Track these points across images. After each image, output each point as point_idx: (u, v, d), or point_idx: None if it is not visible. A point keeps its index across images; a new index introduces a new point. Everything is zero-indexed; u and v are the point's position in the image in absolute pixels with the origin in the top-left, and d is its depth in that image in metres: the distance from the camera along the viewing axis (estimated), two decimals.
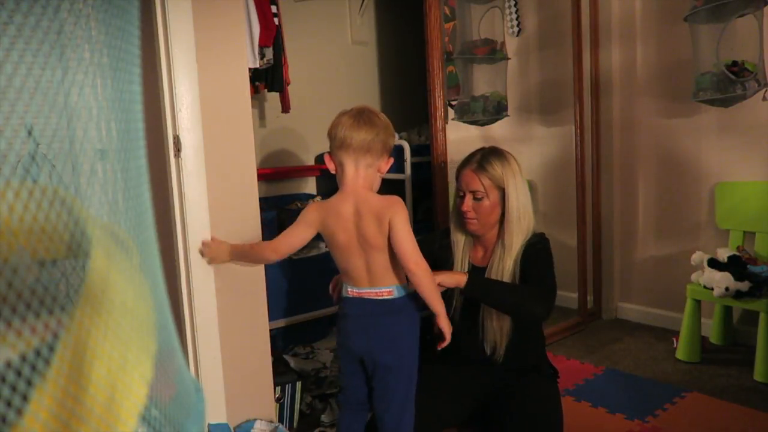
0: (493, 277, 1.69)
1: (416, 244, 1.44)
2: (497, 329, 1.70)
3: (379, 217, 1.43)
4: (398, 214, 1.43)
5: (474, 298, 1.66)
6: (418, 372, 1.57)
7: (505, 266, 1.69)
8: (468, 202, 1.69)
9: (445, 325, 1.49)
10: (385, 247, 1.45)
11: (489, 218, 1.70)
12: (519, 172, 1.71)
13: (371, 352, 1.50)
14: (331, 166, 1.52)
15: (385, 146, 1.49)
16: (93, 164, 0.56)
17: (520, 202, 1.68)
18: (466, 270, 1.78)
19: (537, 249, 1.69)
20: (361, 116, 1.47)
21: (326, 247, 1.55)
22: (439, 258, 1.81)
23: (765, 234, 2.53)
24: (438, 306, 1.47)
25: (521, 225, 1.68)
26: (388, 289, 1.49)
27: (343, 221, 1.46)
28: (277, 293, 2.14)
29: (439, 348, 1.51)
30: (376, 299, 1.48)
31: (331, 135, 1.49)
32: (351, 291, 1.51)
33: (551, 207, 3.41)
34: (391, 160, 1.54)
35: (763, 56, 2.37)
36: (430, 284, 1.46)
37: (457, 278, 1.61)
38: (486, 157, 1.70)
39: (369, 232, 1.44)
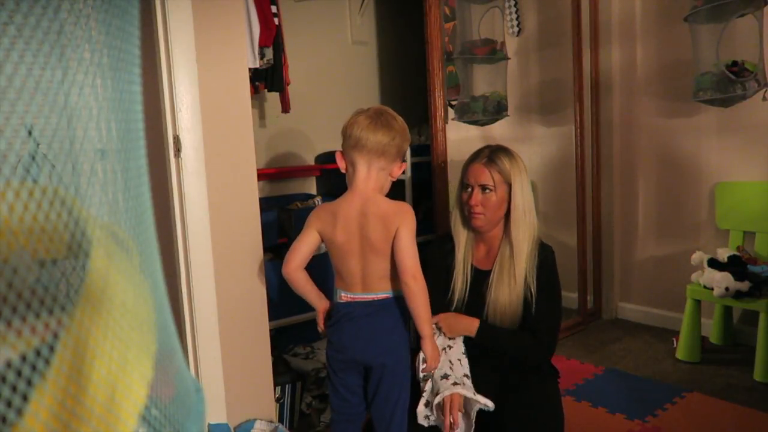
0: (504, 280, 1.69)
1: (417, 256, 1.43)
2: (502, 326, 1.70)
3: (386, 222, 1.42)
4: (406, 223, 1.42)
5: (482, 345, 1.67)
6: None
7: (516, 269, 1.67)
8: (476, 195, 1.69)
9: (429, 349, 1.47)
10: (387, 254, 1.43)
11: (496, 213, 1.70)
12: (525, 170, 1.72)
13: (364, 353, 1.48)
14: (341, 164, 1.50)
15: (399, 151, 1.48)
16: (93, 164, 0.56)
17: (525, 198, 1.69)
18: (469, 273, 1.77)
19: (547, 274, 1.69)
20: (379, 118, 1.45)
21: (325, 247, 1.54)
22: (447, 267, 1.81)
23: (765, 234, 2.53)
24: (426, 327, 1.45)
25: (526, 221, 1.69)
26: (383, 295, 1.47)
27: (345, 221, 1.45)
28: (277, 293, 2.14)
29: (423, 373, 1.50)
30: (365, 301, 1.47)
31: (346, 133, 1.46)
32: (344, 296, 1.50)
33: (551, 207, 3.41)
34: (404, 165, 1.52)
35: (763, 56, 2.37)
36: (423, 300, 1.43)
37: (466, 324, 1.63)
38: (495, 152, 1.71)
39: (374, 235, 1.42)
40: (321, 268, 1.65)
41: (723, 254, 2.44)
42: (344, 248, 1.46)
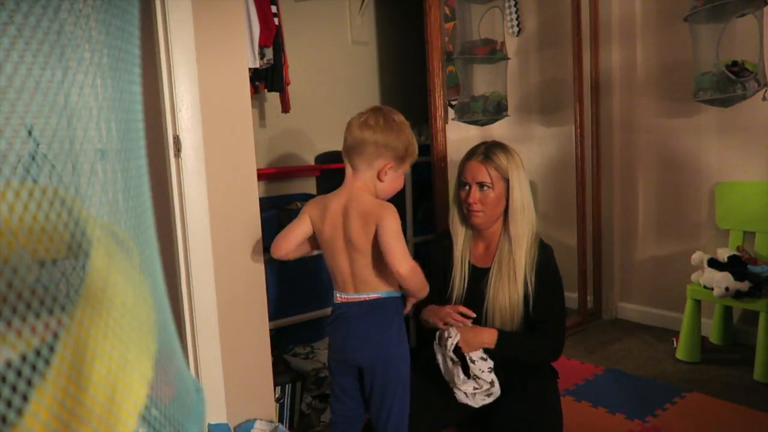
0: (504, 277, 1.68)
1: (406, 248, 1.43)
2: (500, 325, 1.69)
3: (365, 219, 1.41)
4: (386, 218, 1.40)
5: (499, 355, 1.67)
6: (418, 371, 1.56)
7: (516, 266, 1.67)
8: (474, 193, 1.69)
9: (409, 306, 1.56)
10: (368, 252, 1.42)
11: (494, 210, 1.70)
12: (522, 165, 1.72)
13: (357, 353, 1.48)
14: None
15: (378, 150, 1.44)
16: (93, 164, 0.56)
17: (523, 193, 1.69)
18: (467, 271, 1.77)
19: (549, 270, 1.70)
20: (361, 117, 1.46)
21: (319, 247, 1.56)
22: (445, 264, 1.80)
23: (765, 234, 2.53)
24: (420, 297, 1.53)
25: (525, 216, 1.68)
26: (374, 295, 1.47)
27: (331, 216, 1.46)
28: (277, 293, 2.14)
29: (408, 305, 1.57)
30: (358, 301, 1.48)
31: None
32: (339, 297, 1.51)
33: (551, 207, 3.41)
34: (390, 165, 1.46)
35: (763, 56, 2.37)
36: (419, 284, 1.47)
37: (485, 337, 1.64)
38: (491, 148, 1.71)
39: (353, 231, 1.42)
40: (321, 268, 1.65)
41: (723, 254, 2.44)
42: (331, 245, 1.47)
